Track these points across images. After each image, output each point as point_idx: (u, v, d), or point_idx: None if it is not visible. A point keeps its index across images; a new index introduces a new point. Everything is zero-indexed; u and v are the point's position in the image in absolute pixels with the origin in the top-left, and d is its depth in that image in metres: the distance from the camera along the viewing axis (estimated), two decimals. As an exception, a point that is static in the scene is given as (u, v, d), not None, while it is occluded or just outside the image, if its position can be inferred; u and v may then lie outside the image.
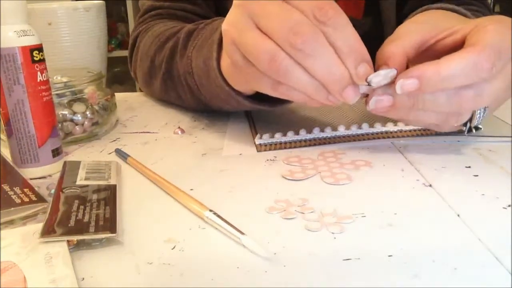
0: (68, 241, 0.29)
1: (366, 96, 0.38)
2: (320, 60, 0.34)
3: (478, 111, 0.39)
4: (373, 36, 0.38)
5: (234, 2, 0.38)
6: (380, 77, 0.36)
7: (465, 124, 0.40)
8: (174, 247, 0.29)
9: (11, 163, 0.40)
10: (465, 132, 0.41)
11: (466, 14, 0.44)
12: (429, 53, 0.39)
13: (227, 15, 0.39)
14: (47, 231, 0.29)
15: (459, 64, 0.34)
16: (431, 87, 0.35)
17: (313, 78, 0.35)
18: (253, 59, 0.36)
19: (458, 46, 0.37)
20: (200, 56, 0.47)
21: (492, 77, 0.35)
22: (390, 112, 0.39)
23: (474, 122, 0.40)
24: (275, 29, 0.34)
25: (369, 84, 0.36)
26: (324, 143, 0.46)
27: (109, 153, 0.46)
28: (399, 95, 0.36)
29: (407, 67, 0.37)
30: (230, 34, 0.38)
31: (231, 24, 0.38)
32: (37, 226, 0.31)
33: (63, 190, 0.35)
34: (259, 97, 0.45)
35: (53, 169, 0.42)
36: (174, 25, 0.59)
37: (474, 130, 0.41)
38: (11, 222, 0.33)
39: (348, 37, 0.34)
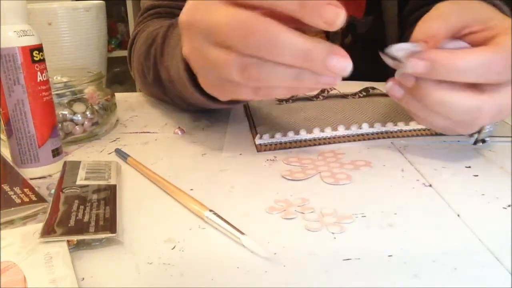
0: (68, 241, 0.29)
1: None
2: (284, 46, 0.31)
3: (489, 125, 0.39)
4: (375, 36, 0.37)
5: (179, 24, 0.37)
6: (404, 50, 0.35)
7: (471, 135, 0.40)
8: (174, 247, 0.29)
9: (11, 163, 0.40)
10: (472, 143, 0.41)
11: (500, 6, 0.42)
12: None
13: (182, 39, 0.38)
14: (47, 231, 0.29)
15: (474, 59, 0.33)
16: (441, 74, 0.34)
17: (290, 67, 0.32)
18: (224, 74, 0.34)
19: (488, 43, 0.36)
20: (174, 64, 0.47)
21: (502, 82, 0.34)
22: (405, 101, 0.38)
23: (482, 135, 0.39)
24: (230, 39, 0.32)
25: (393, 58, 0.35)
26: (324, 143, 0.46)
27: (109, 153, 0.46)
28: (422, 82, 0.35)
29: None
30: (193, 59, 0.37)
31: (190, 48, 0.37)
32: (37, 226, 0.31)
33: (63, 190, 0.35)
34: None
35: (53, 169, 0.42)
36: (162, 24, 0.58)
37: (481, 143, 0.40)
38: (11, 222, 0.33)
39: None
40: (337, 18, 0.30)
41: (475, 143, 0.41)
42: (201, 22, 0.34)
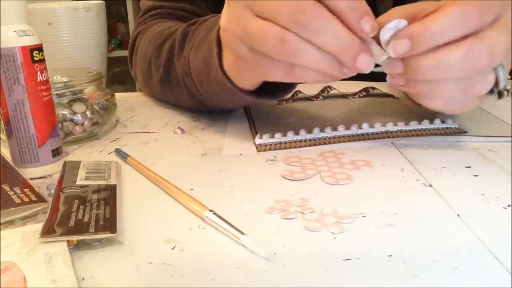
0: (68, 241, 0.29)
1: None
2: (328, 32, 0.34)
3: (500, 70, 0.37)
4: None
5: None
6: (391, 30, 0.35)
7: (491, 92, 0.39)
8: (174, 247, 0.29)
9: (11, 163, 0.40)
10: (496, 99, 0.39)
11: None
12: None
13: (223, 12, 0.39)
14: (47, 231, 0.29)
15: (446, 16, 0.34)
16: (423, 44, 0.34)
17: (325, 52, 0.35)
18: (262, 47, 0.36)
19: None
20: (198, 56, 0.47)
21: (484, 24, 0.34)
22: (408, 86, 0.38)
23: (501, 85, 0.38)
24: (276, 12, 0.34)
25: (382, 47, 0.35)
26: (324, 143, 0.46)
27: (109, 153, 0.46)
28: (409, 60, 0.36)
29: None
30: (231, 30, 0.38)
31: (230, 19, 0.38)
32: (37, 226, 0.31)
33: (63, 190, 0.35)
34: (260, 91, 0.45)
35: (53, 169, 0.42)
36: (171, 25, 0.59)
37: (506, 93, 0.38)
38: (11, 222, 0.33)
39: None
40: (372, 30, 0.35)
41: (500, 96, 0.39)
42: None
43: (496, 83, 0.38)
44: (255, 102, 0.46)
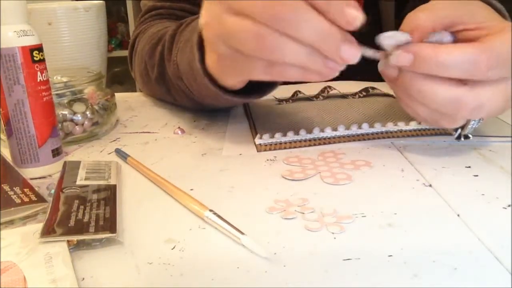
0: (68, 241, 0.29)
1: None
2: (306, 23, 0.32)
3: (473, 121, 0.39)
4: (372, 37, 0.37)
5: None
6: (390, 38, 0.35)
7: (455, 130, 0.40)
8: (174, 247, 0.29)
9: (11, 163, 0.40)
10: (454, 138, 0.41)
11: (501, 9, 0.43)
12: None
13: (203, 11, 0.38)
14: (47, 231, 0.29)
15: (458, 55, 0.33)
16: (424, 68, 0.34)
17: (305, 45, 0.33)
18: (238, 43, 0.34)
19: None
20: (184, 59, 0.47)
21: (487, 80, 0.34)
22: (393, 86, 0.39)
23: (466, 131, 0.39)
24: (251, 7, 0.33)
25: (378, 48, 0.35)
26: (324, 143, 0.46)
27: (109, 153, 0.46)
28: (404, 73, 0.36)
29: None
30: (211, 28, 0.37)
31: (210, 17, 0.37)
32: (37, 226, 0.31)
33: (63, 190, 0.35)
34: (247, 90, 0.45)
35: (53, 169, 0.42)
36: (167, 26, 0.59)
37: (463, 138, 0.41)
38: (11, 222, 0.33)
39: None
40: (356, 20, 0.32)
41: (458, 138, 0.41)
42: None
43: (463, 126, 0.39)
44: (243, 102, 0.46)
